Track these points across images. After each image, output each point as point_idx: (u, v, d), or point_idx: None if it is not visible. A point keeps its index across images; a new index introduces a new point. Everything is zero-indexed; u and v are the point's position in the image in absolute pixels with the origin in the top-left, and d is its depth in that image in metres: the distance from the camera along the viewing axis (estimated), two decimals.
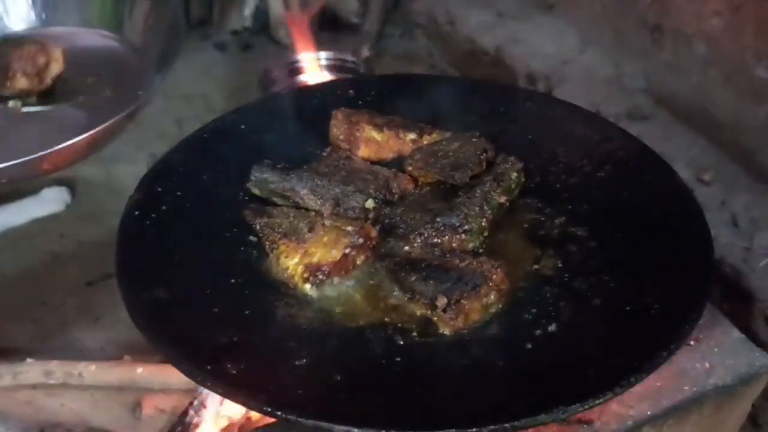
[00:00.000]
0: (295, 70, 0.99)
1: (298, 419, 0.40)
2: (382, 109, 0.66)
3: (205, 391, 0.68)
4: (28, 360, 0.78)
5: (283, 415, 0.40)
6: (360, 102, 0.67)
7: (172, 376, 0.73)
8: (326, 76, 0.99)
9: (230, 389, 0.41)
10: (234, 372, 0.42)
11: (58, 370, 0.75)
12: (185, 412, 0.68)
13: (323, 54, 0.99)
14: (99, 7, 0.78)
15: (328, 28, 1.66)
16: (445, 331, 0.47)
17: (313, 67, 0.98)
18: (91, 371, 0.75)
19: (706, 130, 0.98)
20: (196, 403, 0.67)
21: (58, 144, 0.63)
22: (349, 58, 0.99)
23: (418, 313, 0.49)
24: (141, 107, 0.67)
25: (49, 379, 0.76)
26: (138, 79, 0.73)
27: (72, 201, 1.19)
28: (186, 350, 0.44)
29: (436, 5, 1.48)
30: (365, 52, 1.55)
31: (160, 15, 0.76)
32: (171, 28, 0.75)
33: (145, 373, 0.74)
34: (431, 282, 0.49)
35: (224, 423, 0.67)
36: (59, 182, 1.20)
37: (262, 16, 1.66)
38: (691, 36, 0.98)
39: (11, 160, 0.62)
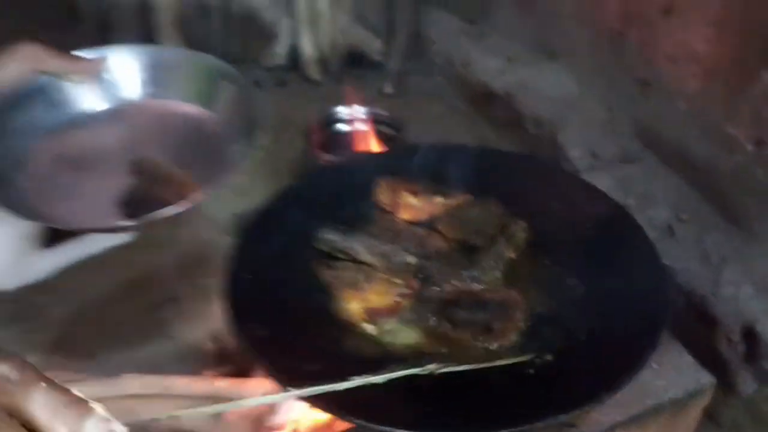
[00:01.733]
0: (334, 121, 1.17)
1: (368, 424, 0.58)
2: (417, 176, 0.83)
3: (279, 402, 0.85)
4: (127, 374, 0.96)
5: (359, 421, 0.58)
6: (399, 169, 0.85)
7: (246, 389, 0.91)
8: (362, 127, 1.16)
9: (318, 403, 0.59)
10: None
11: (153, 382, 0.93)
12: (261, 418, 0.85)
13: (359, 108, 1.16)
14: (196, 87, 0.89)
15: (354, 66, 1.84)
16: (493, 347, 0.64)
17: (352, 120, 1.15)
18: (179, 384, 0.92)
19: (685, 175, 1.14)
20: (270, 411, 0.85)
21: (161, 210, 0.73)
22: (382, 112, 1.16)
23: (464, 339, 0.65)
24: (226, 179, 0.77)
25: (145, 390, 0.93)
26: (223, 150, 0.84)
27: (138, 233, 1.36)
28: (283, 374, 0.61)
29: (452, 48, 1.65)
30: (388, 89, 1.72)
31: (245, 98, 0.86)
32: (254, 109, 0.85)
33: (224, 386, 0.91)
34: (480, 313, 0.66)
35: (292, 427, 0.84)
36: None
37: (294, 54, 1.83)
38: (673, 93, 1.14)
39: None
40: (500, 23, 1.60)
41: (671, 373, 0.68)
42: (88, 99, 0.91)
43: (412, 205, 0.78)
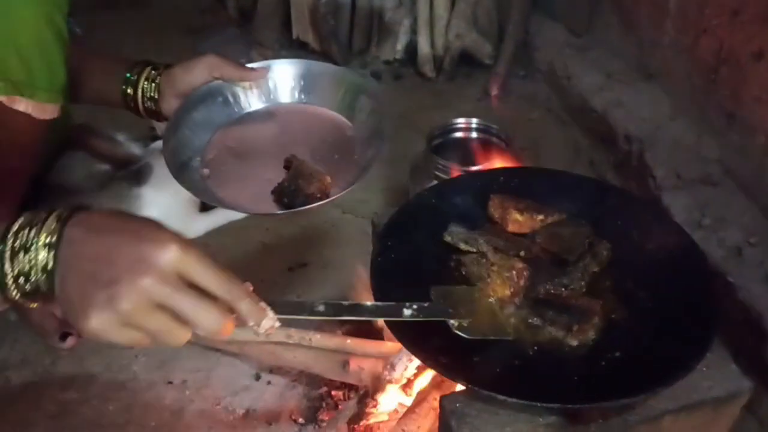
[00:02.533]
0: (452, 129, 1.36)
1: (479, 389, 0.77)
2: (521, 193, 1.02)
3: (395, 359, 1.07)
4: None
5: (470, 386, 0.78)
6: (507, 186, 1.03)
7: (369, 347, 1.13)
8: (474, 135, 1.36)
9: (445, 372, 0.79)
10: (444, 362, 0.80)
11: (295, 335, 1.15)
12: (380, 371, 1.07)
13: (474, 120, 1.35)
14: (339, 98, 1.08)
15: (465, 65, 2.02)
16: (573, 343, 0.83)
17: (467, 130, 1.34)
18: (317, 338, 1.15)
19: (758, 202, 1.27)
20: (388, 366, 1.07)
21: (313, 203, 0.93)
22: (494, 126, 1.34)
23: (556, 333, 0.84)
24: (360, 177, 0.96)
25: (289, 340, 1.16)
26: (357, 153, 1.02)
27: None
28: (417, 347, 0.82)
29: (555, 59, 1.80)
30: (494, 91, 1.90)
31: (378, 110, 1.04)
32: (386, 121, 1.02)
33: (351, 343, 1.13)
34: (564, 315, 0.83)
35: (404, 381, 1.06)
36: None
37: (411, 49, 2.02)
38: (756, 129, 1.27)
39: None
40: (604, 40, 1.74)
41: (717, 376, 0.84)
42: (253, 101, 1.12)
43: (517, 220, 0.97)
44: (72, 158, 1.45)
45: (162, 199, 1.46)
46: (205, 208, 1.54)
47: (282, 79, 1.13)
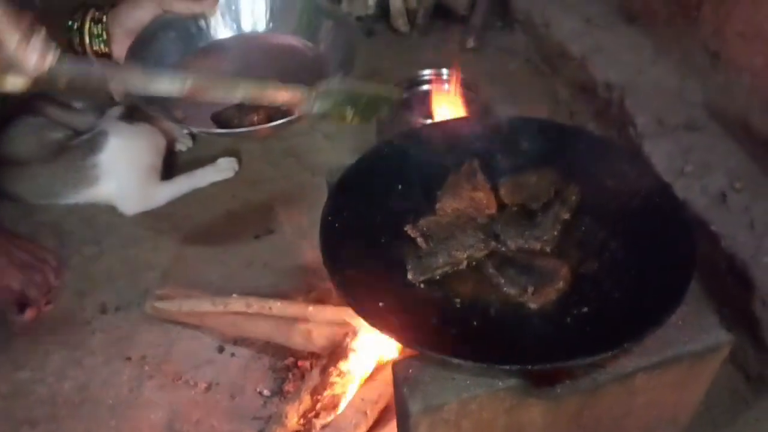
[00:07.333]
0: (420, 82, 1.28)
1: (428, 352, 0.72)
2: (488, 144, 0.95)
3: (357, 326, 1.01)
4: (234, 295, 1.13)
5: (422, 349, 0.72)
6: (473, 138, 0.97)
7: (331, 314, 1.07)
8: (445, 88, 1.28)
9: (395, 335, 0.73)
10: (395, 324, 0.74)
11: (255, 303, 1.09)
12: (342, 338, 1.02)
13: (444, 71, 1.27)
14: (303, 21, 1.07)
15: (440, 18, 1.92)
16: (531, 305, 0.77)
17: (435, 81, 1.27)
18: (278, 306, 1.08)
19: (745, 145, 1.21)
20: (350, 333, 1.01)
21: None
22: (462, 75, 1.26)
23: (513, 293, 0.78)
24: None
25: (249, 309, 1.10)
26: (323, 76, 0.97)
27: (239, 169, 1.53)
28: (367, 309, 0.76)
29: (534, 6, 1.71)
30: (471, 44, 1.81)
31: (340, 31, 1.03)
32: (347, 41, 1.02)
33: (313, 310, 1.07)
34: (524, 276, 0.78)
35: (366, 347, 1.00)
36: (230, 154, 1.54)
37: (383, 4, 1.93)
38: (741, 67, 1.20)
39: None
40: None
41: (694, 330, 0.78)
42: (210, 33, 1.10)
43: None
44: (23, 127, 1.39)
45: (120, 168, 1.40)
46: (166, 176, 1.48)
47: (245, 6, 1.11)
